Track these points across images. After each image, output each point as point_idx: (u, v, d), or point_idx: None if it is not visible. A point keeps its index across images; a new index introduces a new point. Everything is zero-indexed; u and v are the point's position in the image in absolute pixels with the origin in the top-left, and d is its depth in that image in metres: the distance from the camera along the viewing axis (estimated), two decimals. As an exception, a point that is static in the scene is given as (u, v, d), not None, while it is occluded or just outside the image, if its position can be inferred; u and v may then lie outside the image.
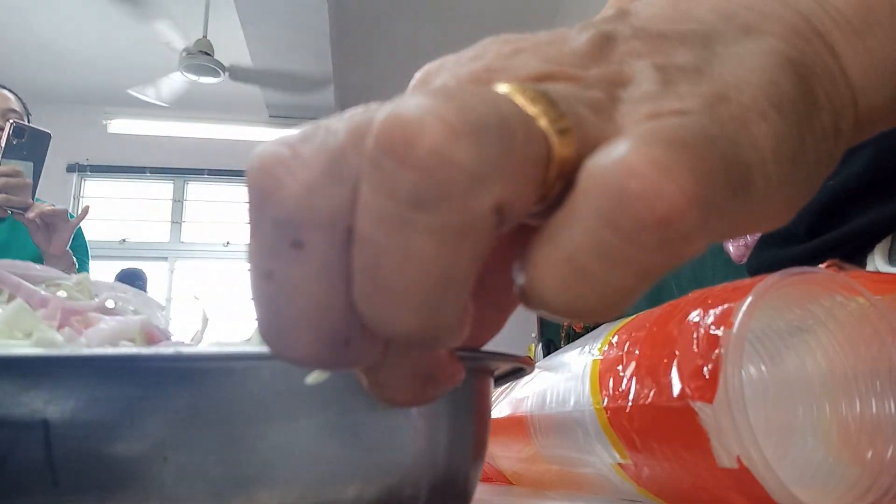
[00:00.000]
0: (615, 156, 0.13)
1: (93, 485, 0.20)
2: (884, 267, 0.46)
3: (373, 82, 3.73)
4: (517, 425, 0.43)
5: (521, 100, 0.14)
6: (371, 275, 0.13)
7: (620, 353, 0.34)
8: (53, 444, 0.19)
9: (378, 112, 0.13)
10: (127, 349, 0.26)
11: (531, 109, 0.14)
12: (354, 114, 0.14)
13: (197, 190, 4.37)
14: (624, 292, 0.13)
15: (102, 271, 3.79)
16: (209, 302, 4.03)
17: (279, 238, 0.14)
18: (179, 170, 4.27)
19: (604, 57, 0.16)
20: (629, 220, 0.12)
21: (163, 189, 4.32)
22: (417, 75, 0.18)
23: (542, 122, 0.14)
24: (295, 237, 0.14)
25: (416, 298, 0.13)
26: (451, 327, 0.14)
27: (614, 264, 0.13)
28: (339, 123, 0.14)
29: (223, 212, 4.27)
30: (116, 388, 0.20)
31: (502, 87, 0.14)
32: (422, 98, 0.13)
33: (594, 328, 0.40)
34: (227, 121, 4.22)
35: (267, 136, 0.39)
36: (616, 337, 0.35)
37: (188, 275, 4.22)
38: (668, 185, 0.12)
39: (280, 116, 4.14)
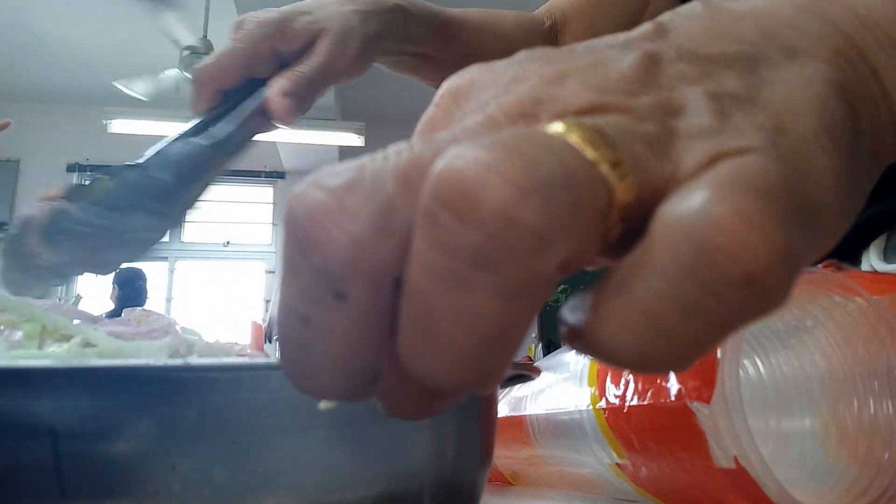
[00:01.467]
0: (696, 205, 0.12)
1: (100, 493, 0.20)
2: (879, 264, 0.46)
3: (373, 82, 3.73)
4: (516, 425, 0.43)
5: (577, 140, 0.13)
6: (421, 328, 0.13)
7: (619, 354, 0.34)
8: (61, 453, 0.19)
9: (433, 163, 0.13)
10: (135, 360, 0.26)
11: (590, 153, 0.13)
12: (399, 154, 0.14)
13: (197, 189, 4.36)
14: (698, 346, 0.13)
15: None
16: (209, 302, 4.03)
17: (320, 287, 0.13)
18: (179, 170, 4.26)
19: (652, 81, 0.15)
20: (715, 274, 0.12)
21: (162, 189, 4.32)
22: (445, 88, 0.17)
23: (603, 168, 0.13)
24: (338, 289, 0.13)
25: (467, 354, 0.13)
26: (495, 377, 0.14)
27: (694, 318, 0.12)
28: (385, 165, 0.14)
29: (223, 212, 4.27)
30: (124, 397, 0.20)
31: (556, 127, 0.14)
32: (481, 151, 0.12)
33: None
34: (226, 120, 4.20)
35: (266, 135, 0.39)
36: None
37: (188, 275, 4.22)
38: (756, 238, 0.12)
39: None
